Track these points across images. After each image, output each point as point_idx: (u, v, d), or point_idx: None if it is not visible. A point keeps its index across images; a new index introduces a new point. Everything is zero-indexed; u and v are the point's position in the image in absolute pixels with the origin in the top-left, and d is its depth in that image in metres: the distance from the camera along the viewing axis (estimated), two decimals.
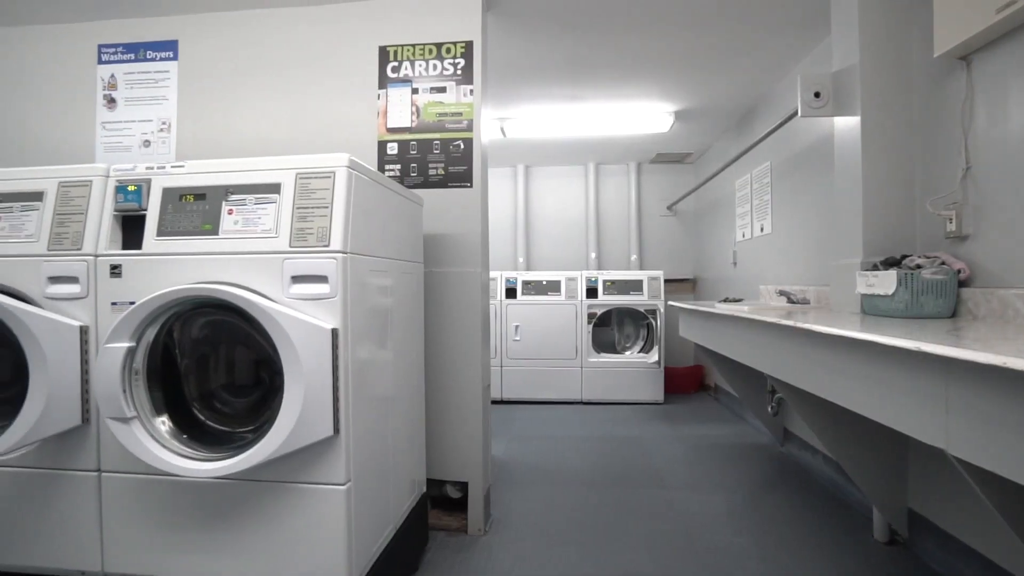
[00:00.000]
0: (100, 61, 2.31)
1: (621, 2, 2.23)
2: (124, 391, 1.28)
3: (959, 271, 1.57)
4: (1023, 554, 1.43)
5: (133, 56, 2.30)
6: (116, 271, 1.39)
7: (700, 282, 4.93)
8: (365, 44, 2.16)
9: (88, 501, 1.41)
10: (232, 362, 1.51)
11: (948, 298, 1.56)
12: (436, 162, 2.10)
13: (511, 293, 4.33)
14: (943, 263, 1.59)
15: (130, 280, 1.38)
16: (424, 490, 1.93)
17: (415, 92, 2.12)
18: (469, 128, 2.09)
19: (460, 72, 2.10)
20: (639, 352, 4.47)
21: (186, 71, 2.27)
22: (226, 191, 1.39)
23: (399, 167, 2.12)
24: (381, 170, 2.12)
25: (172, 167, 1.43)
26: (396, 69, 2.14)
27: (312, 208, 1.33)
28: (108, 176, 1.46)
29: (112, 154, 2.29)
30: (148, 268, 1.38)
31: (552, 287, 4.34)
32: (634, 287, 4.30)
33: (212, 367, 1.50)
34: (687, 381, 4.68)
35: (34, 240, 1.44)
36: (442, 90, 2.11)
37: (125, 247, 1.43)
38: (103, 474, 1.41)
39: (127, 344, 1.28)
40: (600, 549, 1.95)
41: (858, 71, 1.86)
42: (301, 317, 1.26)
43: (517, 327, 4.28)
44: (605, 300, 4.28)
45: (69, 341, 1.37)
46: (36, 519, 1.43)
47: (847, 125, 1.96)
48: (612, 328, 4.63)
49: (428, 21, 2.13)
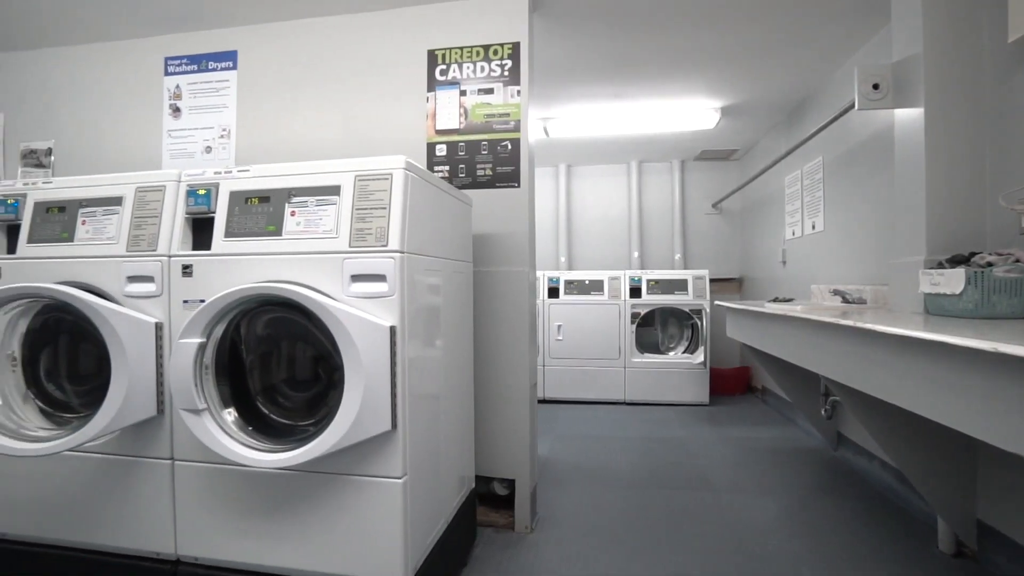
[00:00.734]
0: (167, 73, 2.44)
1: None
2: (196, 384, 1.35)
3: None
4: None
5: (196, 67, 2.42)
6: (188, 271, 1.47)
7: (747, 281, 4.81)
8: (414, 48, 2.21)
9: (162, 488, 1.50)
10: (293, 358, 1.57)
11: (1023, 297, 1.48)
12: (484, 163, 2.13)
13: (554, 292, 4.34)
14: (1017, 260, 1.51)
15: (200, 279, 1.46)
16: (473, 486, 1.96)
17: (463, 94, 2.16)
18: (516, 128, 2.11)
19: (507, 73, 2.13)
20: (683, 352, 4.39)
21: (244, 79, 2.38)
22: (289, 193, 1.45)
23: (448, 168, 2.16)
24: (430, 171, 2.16)
25: (239, 171, 1.50)
26: (444, 72, 2.18)
27: (371, 209, 1.37)
28: (180, 181, 1.54)
29: (177, 160, 2.42)
30: (217, 268, 1.45)
31: (595, 287, 4.31)
32: (678, 287, 4.23)
33: (274, 362, 1.56)
34: (733, 383, 4.57)
35: (114, 242, 1.54)
36: (489, 91, 2.14)
37: (195, 248, 1.51)
38: (176, 463, 1.49)
39: (199, 340, 1.36)
40: (648, 551, 1.94)
41: (921, 60, 1.78)
42: (361, 315, 1.31)
43: (560, 327, 4.28)
44: (649, 300, 4.23)
45: (146, 337, 1.46)
46: (117, 503, 1.53)
47: (908, 117, 1.88)
48: (656, 328, 4.57)
49: (475, 23, 2.16)
